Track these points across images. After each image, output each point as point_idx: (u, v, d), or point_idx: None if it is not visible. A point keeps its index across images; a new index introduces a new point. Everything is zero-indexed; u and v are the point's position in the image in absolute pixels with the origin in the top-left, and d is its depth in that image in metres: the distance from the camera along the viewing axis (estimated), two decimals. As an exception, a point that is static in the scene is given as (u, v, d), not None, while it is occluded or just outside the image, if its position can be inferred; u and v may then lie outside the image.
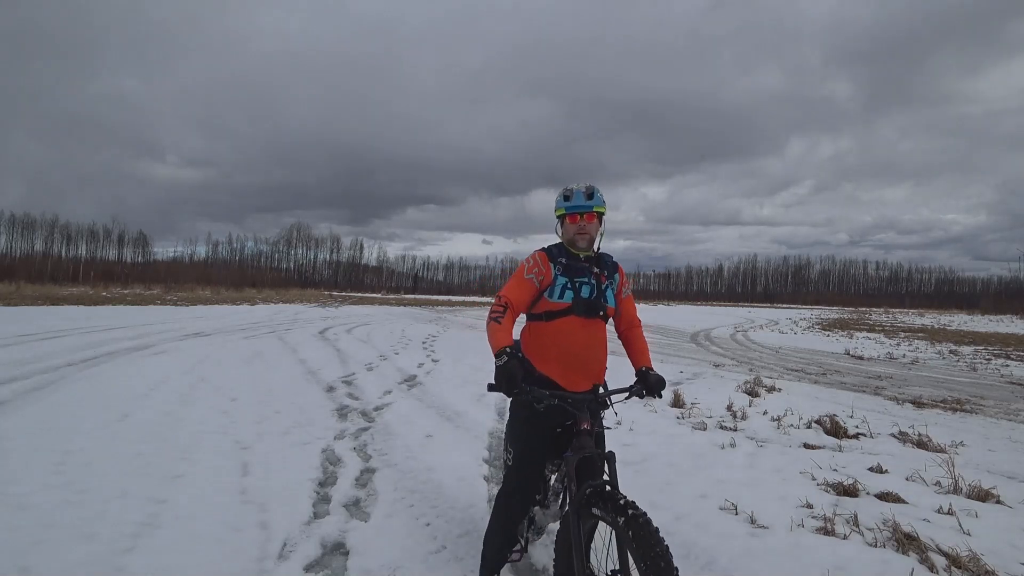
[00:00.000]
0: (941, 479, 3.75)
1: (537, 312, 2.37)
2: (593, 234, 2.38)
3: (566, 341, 2.31)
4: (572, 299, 2.31)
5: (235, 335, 12.77)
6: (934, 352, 14.53)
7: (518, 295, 2.29)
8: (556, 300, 2.32)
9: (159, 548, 2.65)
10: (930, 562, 2.61)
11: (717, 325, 24.88)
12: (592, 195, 2.35)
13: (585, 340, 2.32)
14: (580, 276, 2.35)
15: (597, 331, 2.36)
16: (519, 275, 2.34)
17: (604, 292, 2.38)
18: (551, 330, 2.33)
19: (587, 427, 2.12)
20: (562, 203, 2.37)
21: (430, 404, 6.06)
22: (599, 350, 2.38)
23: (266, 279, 77.38)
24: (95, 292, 33.89)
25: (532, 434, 2.30)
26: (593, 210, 2.34)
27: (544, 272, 2.33)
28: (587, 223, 2.34)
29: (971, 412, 6.65)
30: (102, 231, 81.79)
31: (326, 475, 3.79)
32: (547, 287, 2.34)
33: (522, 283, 2.31)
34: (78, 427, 4.56)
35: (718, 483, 3.65)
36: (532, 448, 2.30)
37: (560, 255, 2.37)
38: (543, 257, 2.36)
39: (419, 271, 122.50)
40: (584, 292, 2.33)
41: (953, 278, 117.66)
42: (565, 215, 2.37)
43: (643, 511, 1.78)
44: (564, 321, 2.31)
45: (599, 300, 2.34)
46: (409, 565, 2.60)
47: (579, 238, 2.36)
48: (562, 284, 2.32)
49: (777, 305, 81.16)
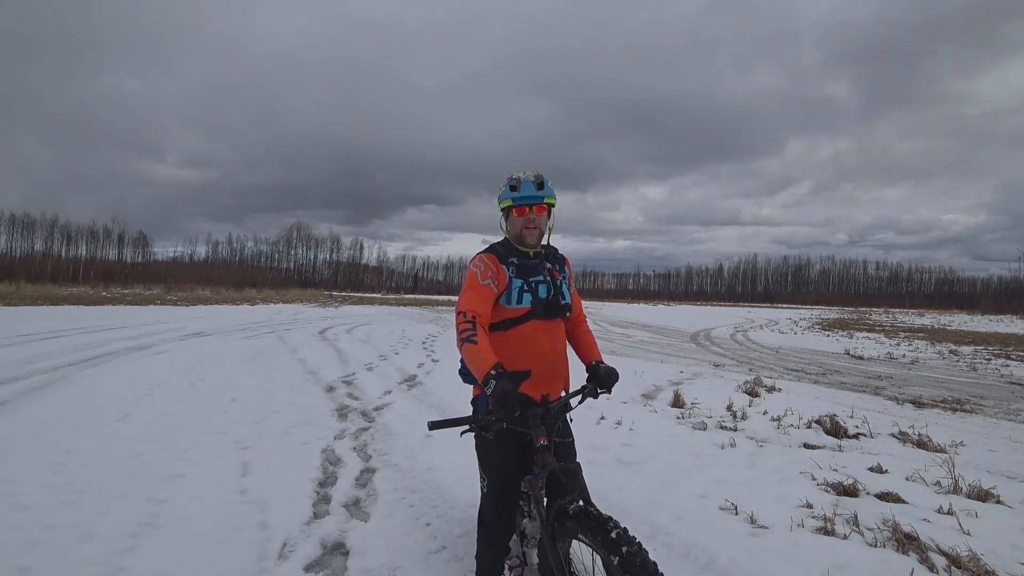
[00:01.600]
0: (941, 479, 3.75)
1: (494, 323, 2.13)
2: (543, 228, 2.18)
3: (533, 348, 2.12)
4: (531, 302, 2.13)
5: (235, 335, 12.77)
6: (934, 352, 14.53)
7: (481, 305, 2.04)
8: (514, 306, 2.12)
9: (159, 548, 2.65)
10: (930, 562, 2.61)
11: (717, 325, 24.87)
12: (542, 185, 2.12)
13: (550, 344, 2.16)
14: (534, 275, 2.15)
15: (558, 332, 2.21)
16: (473, 283, 2.07)
17: (560, 289, 2.21)
18: (514, 339, 2.12)
19: (544, 442, 1.91)
20: (509, 194, 2.12)
21: (430, 404, 6.06)
22: (563, 353, 2.24)
23: (266, 279, 77.37)
24: (95, 292, 33.88)
25: (502, 456, 2.12)
26: (543, 201, 2.11)
27: (498, 275, 2.10)
28: (536, 216, 2.12)
29: (971, 412, 6.64)
30: (102, 231, 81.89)
31: (326, 475, 3.79)
32: (503, 292, 2.12)
33: (480, 290, 2.06)
34: (78, 427, 4.56)
35: (718, 483, 3.65)
36: (504, 472, 2.13)
37: (509, 254, 2.16)
38: (492, 259, 2.12)
39: (419, 271, 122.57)
40: (541, 292, 2.15)
41: (953, 278, 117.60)
42: (512, 207, 2.13)
43: (637, 544, 1.61)
44: (526, 327, 2.12)
45: (557, 298, 2.18)
46: (409, 565, 2.60)
47: (527, 233, 2.14)
48: (518, 287, 2.12)
49: (777, 305, 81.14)
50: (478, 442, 2.22)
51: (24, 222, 76.25)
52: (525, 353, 2.13)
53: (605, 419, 5.35)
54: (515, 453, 2.14)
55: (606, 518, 1.70)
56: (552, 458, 1.91)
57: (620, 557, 1.58)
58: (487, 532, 2.20)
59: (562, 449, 2.19)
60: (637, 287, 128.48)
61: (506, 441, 2.07)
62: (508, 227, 2.21)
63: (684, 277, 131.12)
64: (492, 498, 2.17)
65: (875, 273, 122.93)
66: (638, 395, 6.72)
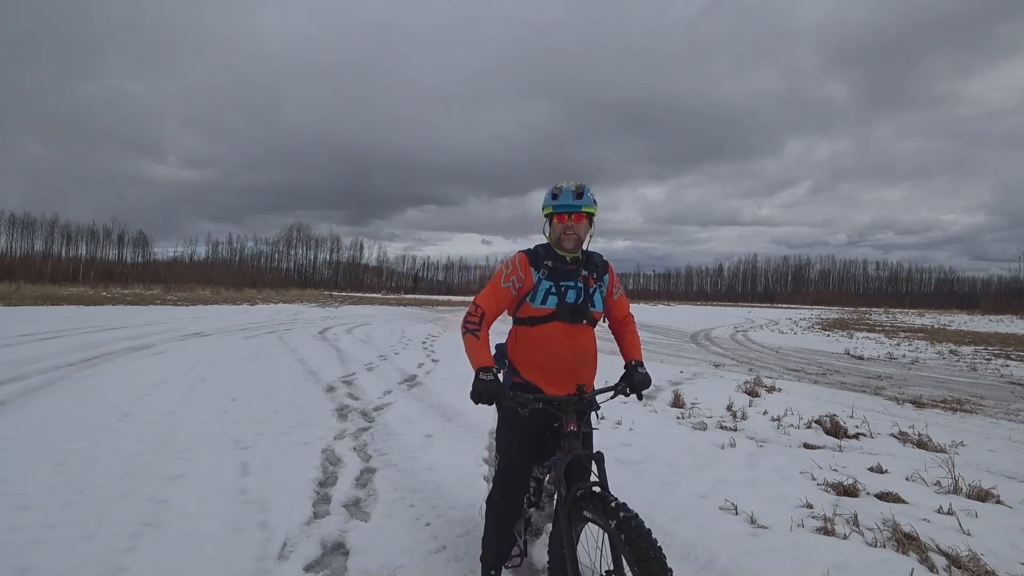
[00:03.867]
0: (941, 479, 3.75)
1: (521, 317, 2.30)
2: (581, 235, 2.28)
3: (550, 348, 2.24)
4: (556, 304, 2.23)
5: (235, 335, 12.77)
6: (934, 352, 14.53)
7: (494, 304, 2.24)
8: (539, 306, 2.24)
9: (159, 548, 2.65)
10: (930, 562, 2.61)
11: (717, 325, 24.88)
12: (582, 194, 2.24)
13: (570, 347, 2.25)
14: (566, 280, 2.26)
15: (583, 337, 2.28)
16: (496, 282, 2.27)
17: (591, 296, 2.29)
18: (535, 336, 2.26)
19: (573, 429, 2.07)
20: (550, 201, 2.26)
21: (430, 404, 6.06)
22: (587, 356, 2.31)
23: (266, 279, 77.36)
24: (95, 292, 33.89)
25: (519, 440, 2.26)
26: (582, 210, 2.23)
27: (523, 278, 2.25)
28: (575, 223, 2.24)
29: (971, 412, 6.65)
30: (102, 231, 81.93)
31: (326, 475, 3.79)
32: (528, 292, 2.26)
33: (498, 291, 2.25)
34: (78, 427, 4.56)
35: (718, 483, 3.65)
36: (519, 455, 2.26)
37: (546, 257, 2.28)
38: (523, 261, 2.27)
39: (419, 271, 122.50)
40: (570, 296, 2.25)
41: (953, 278, 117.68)
42: (553, 214, 2.26)
43: (634, 513, 1.76)
44: (548, 327, 2.24)
45: (585, 305, 2.26)
46: (409, 565, 2.60)
47: (566, 239, 2.26)
48: (545, 289, 2.24)
49: (777, 305, 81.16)
50: (500, 423, 2.35)
51: (24, 222, 76.35)
52: (542, 351, 2.25)
53: (605, 419, 5.35)
54: (533, 440, 2.26)
55: (612, 496, 1.86)
56: (579, 444, 2.05)
57: (617, 521, 1.74)
58: (494, 509, 2.31)
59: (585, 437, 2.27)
60: (637, 287, 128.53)
61: (529, 427, 2.22)
62: (550, 232, 2.33)
63: (684, 277, 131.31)
64: (503, 479, 2.30)
65: (875, 273, 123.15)
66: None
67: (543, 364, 2.25)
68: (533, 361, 2.26)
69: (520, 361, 2.30)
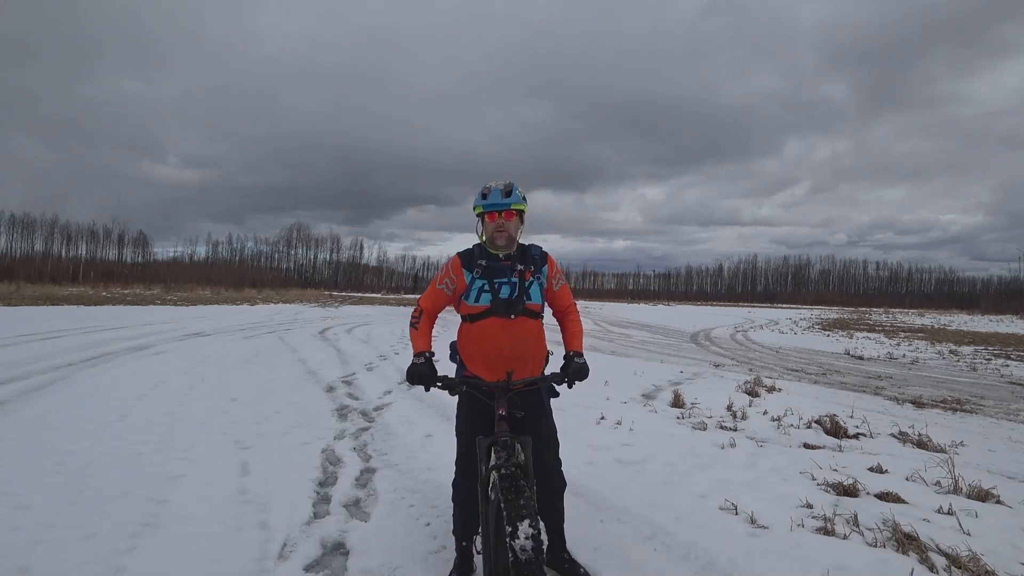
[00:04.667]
0: (941, 479, 3.75)
1: (463, 314, 2.46)
2: (512, 232, 2.37)
3: (488, 341, 2.37)
4: (490, 301, 2.35)
5: (235, 335, 12.77)
6: (934, 352, 14.53)
7: (431, 303, 2.47)
8: (474, 304, 2.38)
9: (159, 548, 2.65)
10: (930, 562, 2.61)
11: (717, 325, 24.88)
12: (510, 192, 2.34)
13: (508, 339, 2.35)
14: (500, 276, 2.37)
15: (522, 330, 2.38)
16: (433, 283, 2.47)
17: (528, 290, 2.38)
18: (475, 331, 2.40)
19: (502, 412, 2.19)
20: (480, 201, 2.36)
21: (430, 404, 6.05)
22: (529, 347, 2.41)
23: (266, 279, 77.29)
24: (95, 292, 33.90)
25: (469, 426, 2.41)
26: (511, 207, 2.33)
27: (455, 279, 2.40)
28: (506, 221, 2.34)
29: (971, 412, 6.65)
30: (102, 231, 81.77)
31: (326, 475, 3.79)
32: (463, 292, 2.41)
33: (435, 292, 2.45)
34: (78, 427, 4.57)
35: (718, 483, 3.65)
36: (470, 440, 2.35)
37: (480, 256, 2.39)
38: (455, 264, 2.41)
39: (419, 271, 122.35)
40: (504, 292, 2.36)
41: (953, 278, 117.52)
42: (484, 213, 2.36)
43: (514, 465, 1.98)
44: (486, 322, 2.36)
45: (520, 299, 2.36)
46: (409, 565, 2.60)
47: (498, 236, 2.36)
48: (479, 287, 2.37)
49: (777, 305, 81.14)
50: (457, 411, 2.53)
51: (24, 222, 76.22)
52: (481, 344, 2.39)
53: (605, 419, 5.35)
54: (482, 424, 2.36)
55: (524, 481, 1.98)
56: (505, 428, 2.17)
57: (499, 475, 1.96)
58: (456, 491, 2.49)
59: (530, 422, 2.37)
60: (637, 287, 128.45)
61: (476, 412, 2.38)
62: (482, 231, 2.43)
63: (684, 277, 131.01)
64: (460, 460, 2.49)
65: (875, 273, 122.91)
66: (638, 395, 6.72)
67: (483, 356, 2.39)
68: (475, 354, 2.41)
69: (466, 355, 2.45)
